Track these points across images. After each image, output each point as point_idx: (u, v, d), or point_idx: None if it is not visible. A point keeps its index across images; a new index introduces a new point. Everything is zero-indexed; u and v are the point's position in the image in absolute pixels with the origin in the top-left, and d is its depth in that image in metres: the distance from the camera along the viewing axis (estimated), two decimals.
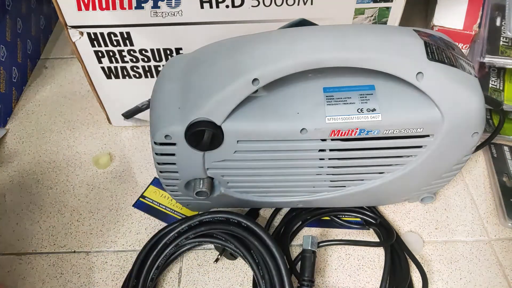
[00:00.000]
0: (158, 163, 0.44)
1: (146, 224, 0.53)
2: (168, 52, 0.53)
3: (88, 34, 0.50)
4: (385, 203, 0.54)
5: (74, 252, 0.51)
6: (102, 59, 0.54)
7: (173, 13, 0.48)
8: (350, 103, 0.41)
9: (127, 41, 0.51)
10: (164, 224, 0.53)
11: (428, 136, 0.41)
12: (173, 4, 0.48)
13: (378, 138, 0.41)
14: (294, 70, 0.37)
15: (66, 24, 0.49)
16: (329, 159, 0.44)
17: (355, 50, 0.38)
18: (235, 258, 0.50)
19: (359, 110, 0.40)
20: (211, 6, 0.48)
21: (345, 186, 0.48)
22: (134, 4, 0.47)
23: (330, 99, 0.41)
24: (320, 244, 0.50)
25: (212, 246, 0.51)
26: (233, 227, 0.45)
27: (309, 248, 0.47)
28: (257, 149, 0.42)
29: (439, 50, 0.39)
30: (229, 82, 0.38)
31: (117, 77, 0.56)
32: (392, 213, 0.54)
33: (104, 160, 0.60)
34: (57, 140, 0.63)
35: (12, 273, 0.49)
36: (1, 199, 0.56)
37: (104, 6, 0.48)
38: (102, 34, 0.50)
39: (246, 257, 0.45)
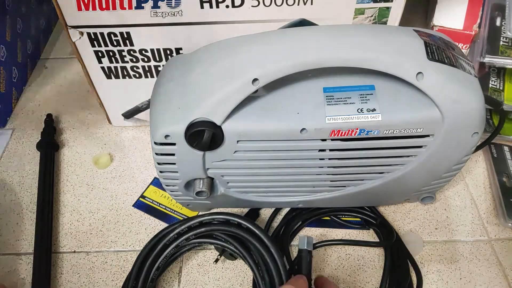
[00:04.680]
0: (158, 163, 0.44)
1: (146, 224, 0.53)
2: (168, 52, 0.53)
3: (88, 34, 0.50)
4: (385, 203, 0.54)
5: (74, 252, 0.51)
6: (102, 59, 0.54)
7: (173, 13, 0.48)
8: (350, 103, 0.41)
9: (127, 41, 0.51)
10: (164, 224, 0.53)
11: (428, 136, 0.41)
12: (173, 4, 0.48)
13: (378, 138, 0.41)
14: (294, 70, 0.37)
15: (66, 24, 0.49)
16: (329, 159, 0.44)
17: (355, 50, 0.38)
18: (235, 258, 0.50)
19: (359, 110, 0.40)
20: (211, 6, 0.48)
21: (345, 186, 0.48)
22: (134, 4, 0.47)
23: (330, 99, 0.41)
24: (320, 244, 0.50)
25: (212, 246, 0.51)
26: (234, 228, 0.45)
27: (305, 248, 0.46)
28: (257, 149, 0.42)
29: (439, 50, 0.39)
30: (229, 82, 0.38)
31: (117, 77, 0.56)
32: (392, 213, 0.54)
33: (104, 160, 0.60)
34: (56, 140, 0.63)
35: (12, 273, 0.49)
36: (1, 199, 0.56)
37: (104, 6, 0.48)
38: (102, 34, 0.51)
39: (246, 258, 0.45)
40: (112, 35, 0.51)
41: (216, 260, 0.49)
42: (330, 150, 0.42)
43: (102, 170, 0.59)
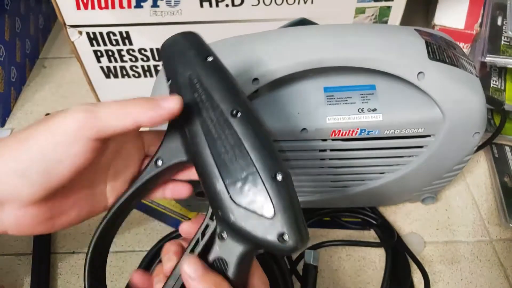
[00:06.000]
0: None
1: (145, 224, 0.53)
2: None
3: (87, 33, 0.50)
4: (386, 204, 0.54)
5: (73, 252, 0.51)
6: (101, 59, 0.53)
7: (172, 12, 0.48)
8: (351, 103, 0.40)
9: (126, 41, 0.51)
10: (163, 225, 0.53)
11: (429, 136, 0.41)
12: (172, 3, 0.47)
13: (379, 138, 0.41)
14: (294, 69, 0.37)
15: (65, 24, 0.49)
16: (330, 159, 0.43)
17: (356, 50, 0.37)
18: None
19: (360, 110, 0.40)
20: (210, 5, 0.47)
21: (346, 186, 0.47)
22: (133, 3, 0.47)
23: (331, 99, 0.41)
24: (321, 245, 0.50)
25: None
26: None
27: (311, 263, 0.46)
28: None
29: (440, 50, 0.39)
30: None
31: (116, 76, 0.56)
32: (393, 213, 0.53)
33: None
34: None
35: (11, 274, 0.49)
36: None
37: (103, 5, 0.47)
38: (101, 33, 0.50)
39: None
40: (111, 35, 0.51)
41: None
42: (331, 150, 0.42)
43: None
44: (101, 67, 0.54)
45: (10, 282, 0.48)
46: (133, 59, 0.53)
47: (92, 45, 0.52)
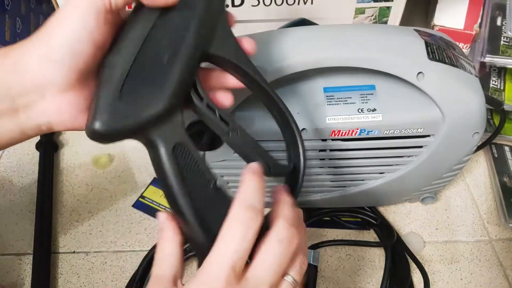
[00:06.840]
0: None
1: (145, 224, 0.53)
2: None
3: None
4: (385, 203, 0.54)
5: (74, 252, 0.51)
6: None
7: None
8: (351, 103, 0.40)
9: None
10: None
11: (428, 136, 0.41)
12: None
13: (379, 138, 0.41)
14: (294, 70, 0.37)
15: None
16: (330, 159, 0.43)
17: (355, 50, 0.37)
18: None
19: (360, 110, 0.40)
20: None
21: (345, 186, 0.47)
22: (133, 4, 0.47)
23: (331, 99, 0.41)
24: (320, 245, 0.50)
25: None
26: None
27: (311, 263, 0.47)
28: None
29: (440, 50, 0.39)
30: None
31: None
32: (393, 213, 0.54)
33: (103, 160, 0.59)
34: (56, 140, 0.63)
35: (11, 274, 0.49)
36: (0, 199, 0.56)
37: None
38: None
39: None
40: None
41: None
42: (331, 150, 0.42)
43: (102, 170, 0.59)
44: None
45: (10, 282, 0.48)
46: None
47: None
